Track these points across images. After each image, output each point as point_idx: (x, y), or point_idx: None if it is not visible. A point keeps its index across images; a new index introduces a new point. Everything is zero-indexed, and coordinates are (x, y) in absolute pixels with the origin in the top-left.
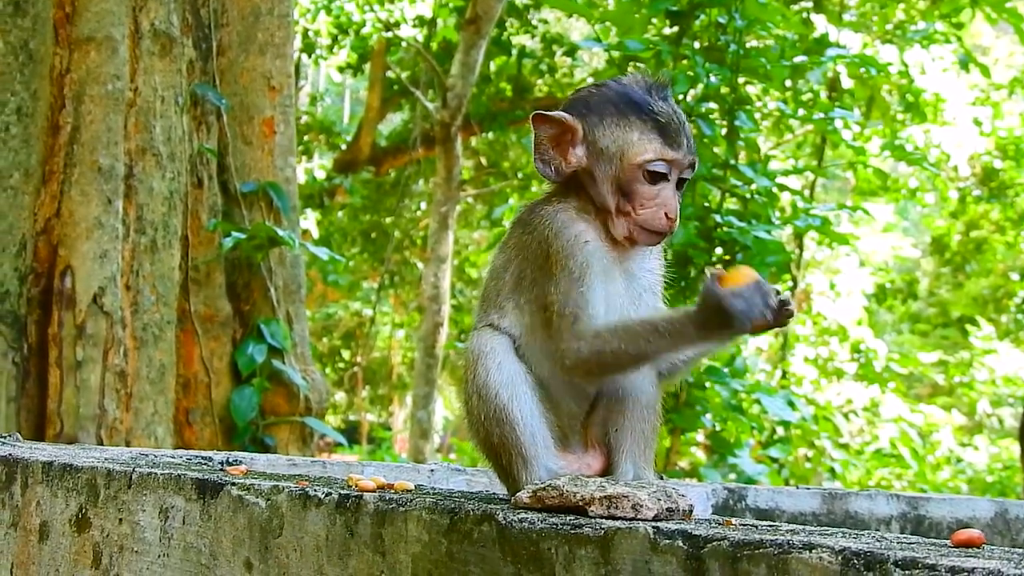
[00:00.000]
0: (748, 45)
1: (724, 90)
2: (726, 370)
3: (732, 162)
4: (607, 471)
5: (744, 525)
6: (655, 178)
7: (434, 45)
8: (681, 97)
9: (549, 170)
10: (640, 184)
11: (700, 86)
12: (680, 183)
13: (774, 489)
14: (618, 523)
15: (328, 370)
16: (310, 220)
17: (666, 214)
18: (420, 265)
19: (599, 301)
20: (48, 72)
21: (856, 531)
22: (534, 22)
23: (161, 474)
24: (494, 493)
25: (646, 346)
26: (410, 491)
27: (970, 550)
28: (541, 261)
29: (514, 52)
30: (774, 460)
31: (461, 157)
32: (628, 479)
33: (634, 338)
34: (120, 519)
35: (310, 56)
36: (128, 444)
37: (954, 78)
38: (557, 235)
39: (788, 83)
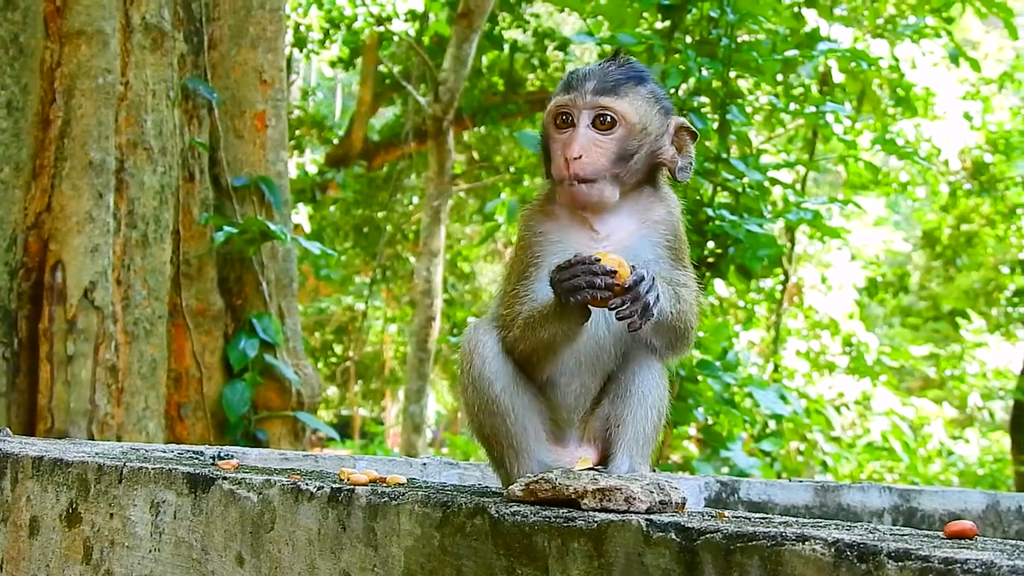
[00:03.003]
0: (740, 39)
1: (716, 84)
2: (718, 364)
3: (724, 156)
4: (601, 466)
5: (737, 517)
6: (561, 127)
7: (426, 39)
8: (673, 91)
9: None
10: (553, 139)
11: (692, 80)
12: (603, 125)
13: (767, 482)
14: (611, 516)
15: (320, 364)
16: (302, 214)
17: (564, 157)
18: (412, 259)
19: (536, 295)
20: (39, 66)
21: (849, 523)
22: (526, 16)
23: (152, 468)
24: (487, 487)
25: (539, 331)
26: (402, 485)
27: (963, 541)
28: (512, 254)
29: (506, 46)
30: (766, 453)
31: (453, 151)
32: (622, 472)
33: (530, 326)
34: (111, 514)
35: (302, 50)
36: (119, 439)
37: (944, 72)
38: (520, 230)
39: (779, 77)
